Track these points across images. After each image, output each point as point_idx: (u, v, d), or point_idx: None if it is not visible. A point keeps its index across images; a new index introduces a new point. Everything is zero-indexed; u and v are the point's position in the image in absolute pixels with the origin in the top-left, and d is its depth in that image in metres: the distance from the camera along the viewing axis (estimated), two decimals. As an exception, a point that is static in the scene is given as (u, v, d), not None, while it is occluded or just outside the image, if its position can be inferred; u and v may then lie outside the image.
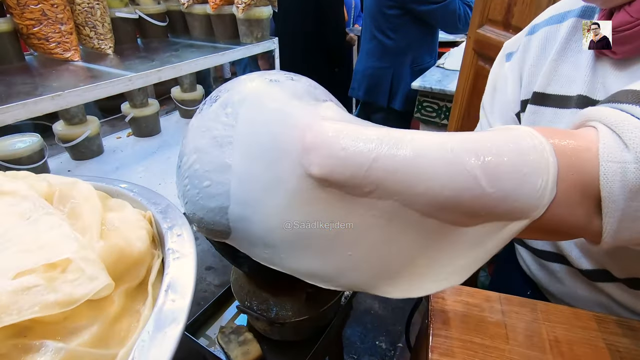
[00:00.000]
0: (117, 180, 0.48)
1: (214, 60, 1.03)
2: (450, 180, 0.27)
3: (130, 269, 0.34)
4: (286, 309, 0.77)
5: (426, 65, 1.59)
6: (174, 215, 0.41)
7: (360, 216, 0.30)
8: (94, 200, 0.40)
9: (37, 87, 0.75)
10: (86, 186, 0.43)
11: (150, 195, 0.45)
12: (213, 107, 0.59)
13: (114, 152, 1.21)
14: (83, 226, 0.35)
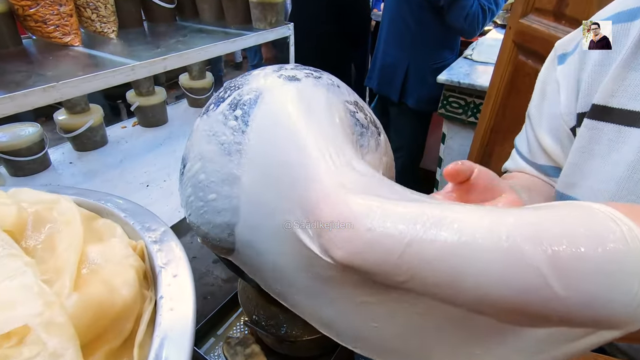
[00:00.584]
0: (110, 195, 0.41)
1: (224, 48, 0.95)
2: (506, 276, 0.20)
3: (112, 325, 0.27)
4: (298, 326, 0.71)
5: (446, 62, 1.48)
6: (171, 247, 0.34)
7: (391, 302, 0.24)
8: (76, 227, 0.33)
9: (30, 76, 0.68)
10: (69, 206, 0.36)
11: (144, 218, 0.38)
12: (220, 108, 0.51)
13: (118, 143, 1.15)
14: (56, 266, 0.29)
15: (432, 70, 1.46)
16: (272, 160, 0.33)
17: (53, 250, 0.31)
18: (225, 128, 0.50)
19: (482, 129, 0.96)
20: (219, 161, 0.49)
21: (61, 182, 0.95)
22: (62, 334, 0.23)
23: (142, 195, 0.91)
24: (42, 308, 0.23)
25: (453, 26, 1.29)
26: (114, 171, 1.00)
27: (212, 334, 0.84)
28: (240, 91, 0.51)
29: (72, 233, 0.32)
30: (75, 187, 0.43)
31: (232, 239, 0.50)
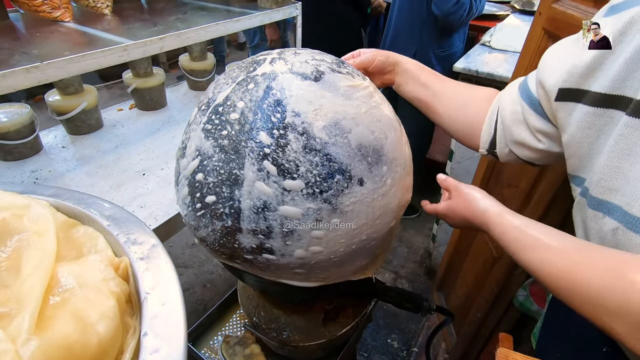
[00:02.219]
0: (93, 198, 0.36)
1: (227, 28, 0.88)
2: None
3: (84, 370, 0.23)
4: (300, 330, 0.67)
5: (454, 49, 1.40)
6: (160, 266, 0.29)
7: None
8: (47, 241, 0.28)
9: (13, 54, 0.62)
10: (42, 213, 0.31)
11: (130, 227, 0.33)
12: (220, 99, 0.46)
13: (114, 127, 1.09)
14: (19, 295, 0.24)
15: (440, 57, 1.39)
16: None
17: (18, 271, 0.26)
18: (225, 124, 0.44)
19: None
20: (219, 158, 0.44)
21: (53, 167, 0.90)
22: (14, 397, 0.18)
23: (138, 184, 0.86)
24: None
25: (438, 9, 1.21)
26: (109, 157, 0.95)
27: (210, 331, 0.81)
28: (243, 88, 0.45)
29: (43, 249, 0.27)
30: (55, 187, 0.37)
31: (237, 244, 0.45)
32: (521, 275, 0.86)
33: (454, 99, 0.58)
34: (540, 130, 0.46)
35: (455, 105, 0.58)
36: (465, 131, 0.57)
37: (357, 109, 0.44)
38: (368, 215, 0.45)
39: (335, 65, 0.47)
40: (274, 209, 0.41)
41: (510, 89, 0.52)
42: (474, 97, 0.57)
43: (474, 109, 0.56)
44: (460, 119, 0.58)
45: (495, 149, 0.53)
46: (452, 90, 0.59)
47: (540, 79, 0.43)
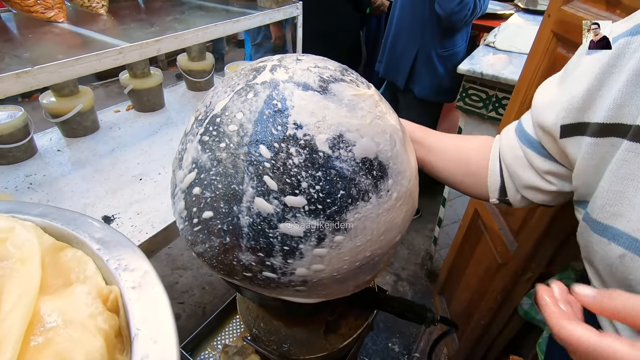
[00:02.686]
0: (83, 217, 0.34)
1: (225, 29, 0.85)
2: None
3: (68, 422, 0.21)
4: (301, 342, 0.66)
5: (457, 49, 1.38)
6: (153, 296, 0.27)
7: None
8: (32, 269, 0.26)
9: (3, 58, 0.60)
10: (26, 238, 0.29)
11: (121, 252, 0.31)
12: (219, 108, 0.43)
13: (111, 129, 1.06)
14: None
15: (442, 57, 1.36)
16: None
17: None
18: (223, 136, 0.42)
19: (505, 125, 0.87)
20: (216, 172, 0.42)
21: (48, 171, 0.88)
22: None
23: (135, 189, 0.84)
24: None
25: (442, 8, 1.18)
26: (105, 161, 0.93)
27: (208, 340, 0.79)
28: (240, 100, 0.42)
29: (26, 280, 0.25)
30: (44, 205, 0.35)
31: (236, 261, 0.44)
32: (527, 284, 0.84)
33: (450, 153, 0.56)
34: (548, 171, 0.44)
35: (453, 159, 0.56)
36: (469, 183, 0.55)
37: (362, 120, 0.42)
38: (373, 231, 0.43)
39: (339, 72, 0.45)
40: (275, 226, 0.39)
41: (506, 134, 0.50)
42: (470, 147, 0.55)
43: (474, 160, 0.54)
44: (462, 172, 0.55)
45: (507, 196, 0.50)
46: (446, 143, 0.57)
47: (538, 121, 0.42)
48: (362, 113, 0.42)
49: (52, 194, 0.81)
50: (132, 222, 0.75)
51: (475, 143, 0.56)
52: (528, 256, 0.80)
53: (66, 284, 0.29)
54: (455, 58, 1.36)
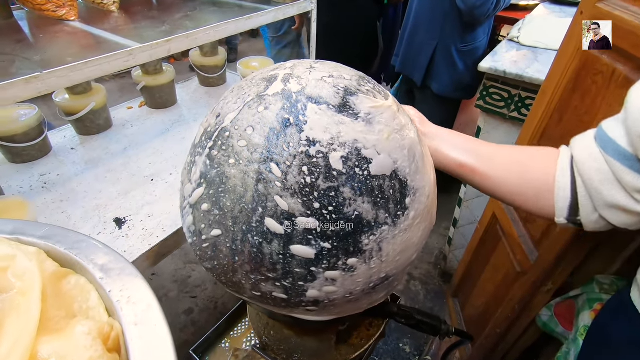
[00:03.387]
0: (88, 240, 0.33)
1: (238, 26, 0.83)
2: None
3: None
4: (311, 353, 0.64)
5: (477, 44, 1.31)
6: (156, 335, 0.26)
7: None
8: (31, 306, 0.25)
9: (14, 61, 0.59)
10: (27, 268, 0.28)
11: (125, 282, 0.29)
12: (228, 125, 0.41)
13: (124, 127, 1.06)
14: (-9, 385, 0.21)
15: (462, 52, 1.30)
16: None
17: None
18: (233, 151, 0.40)
19: (530, 130, 0.83)
20: (223, 190, 0.40)
21: (61, 171, 0.88)
22: None
23: (146, 190, 0.84)
24: None
25: (463, 2, 1.11)
26: (118, 160, 0.93)
27: (218, 344, 0.79)
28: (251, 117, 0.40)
29: (25, 318, 0.24)
30: (49, 225, 0.34)
31: (239, 280, 0.42)
32: (547, 295, 0.81)
33: (507, 161, 0.49)
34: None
35: (510, 168, 0.49)
36: (528, 197, 0.48)
37: (379, 135, 0.39)
38: (389, 253, 0.40)
39: (355, 82, 0.42)
40: (285, 248, 0.37)
41: (582, 143, 0.44)
42: (534, 157, 0.49)
43: (537, 171, 0.47)
44: (520, 184, 0.48)
45: (579, 216, 0.44)
46: (503, 152, 0.50)
47: (638, 130, 0.36)
48: (380, 127, 0.40)
49: (65, 194, 0.81)
50: (144, 225, 0.75)
51: (536, 153, 0.49)
52: (549, 267, 0.77)
53: (68, 315, 0.28)
54: (476, 53, 1.30)
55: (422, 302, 1.59)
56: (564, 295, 0.79)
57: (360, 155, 0.37)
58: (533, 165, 0.48)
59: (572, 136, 0.73)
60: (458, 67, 1.32)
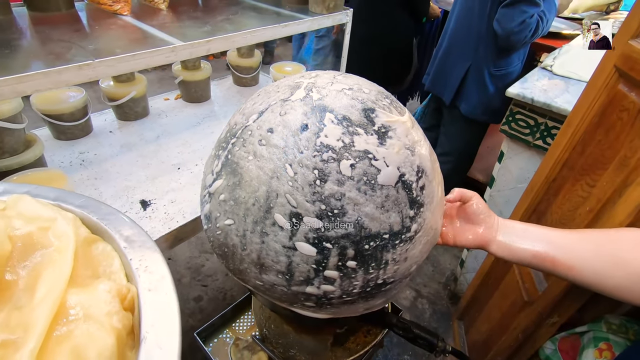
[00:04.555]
0: (117, 214, 0.37)
1: (274, 33, 0.87)
2: None
3: (74, 411, 0.23)
4: (307, 351, 0.67)
5: (511, 70, 1.30)
6: (165, 303, 0.29)
7: None
8: (65, 261, 0.29)
9: (70, 48, 0.66)
10: (65, 231, 0.32)
11: (145, 253, 0.33)
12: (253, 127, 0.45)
13: (159, 116, 1.13)
14: (27, 321, 0.25)
15: (494, 76, 1.30)
16: None
17: (33, 291, 0.27)
18: (254, 151, 0.43)
19: (552, 160, 0.82)
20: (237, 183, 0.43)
21: (99, 151, 0.95)
22: None
23: (172, 177, 0.89)
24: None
25: (501, 27, 1.12)
26: (150, 147, 0.99)
27: (221, 331, 0.82)
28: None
29: (59, 272, 0.28)
30: (85, 197, 0.39)
31: (245, 269, 0.45)
32: (552, 328, 0.79)
33: (591, 248, 0.46)
34: None
35: (599, 257, 0.45)
36: (630, 288, 0.44)
37: (390, 149, 0.41)
38: (387, 261, 0.42)
39: (373, 96, 0.45)
40: (291, 245, 0.40)
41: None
42: (622, 239, 0.45)
43: (630, 254, 0.43)
44: (615, 274, 0.44)
45: None
46: (584, 237, 0.47)
47: None
48: (391, 141, 0.42)
49: (99, 172, 0.88)
50: (166, 210, 0.80)
51: (627, 235, 0.46)
52: (557, 299, 0.76)
53: (94, 275, 0.32)
54: (509, 78, 1.29)
55: (427, 321, 1.57)
56: (569, 330, 0.77)
57: (370, 165, 0.40)
58: (624, 250, 0.44)
59: (593, 170, 0.72)
60: (489, 90, 1.31)
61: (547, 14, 1.11)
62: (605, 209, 0.66)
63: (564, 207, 0.79)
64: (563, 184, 0.80)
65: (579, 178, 0.75)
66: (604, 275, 0.45)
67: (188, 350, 1.36)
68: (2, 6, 0.77)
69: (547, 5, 1.13)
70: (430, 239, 0.48)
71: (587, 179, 0.73)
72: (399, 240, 0.42)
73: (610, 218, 0.64)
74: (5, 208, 0.33)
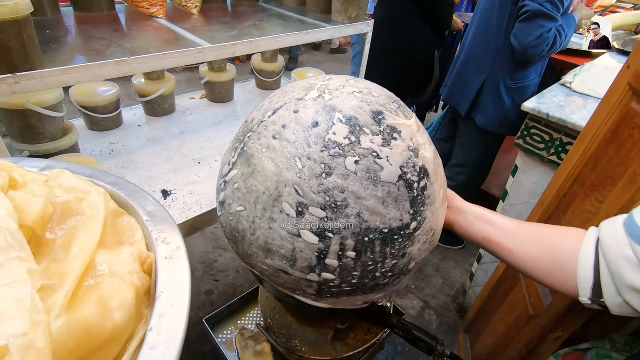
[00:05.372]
0: (142, 192, 0.41)
1: (296, 39, 0.92)
2: None
3: (98, 349, 0.27)
4: (308, 342, 0.69)
5: (528, 83, 1.30)
6: (178, 269, 0.33)
7: None
8: (96, 227, 0.33)
9: (110, 46, 0.72)
10: (97, 202, 0.36)
11: (164, 227, 0.37)
12: (267, 124, 0.49)
13: (184, 114, 1.19)
14: (64, 272, 0.29)
15: (510, 89, 1.30)
16: None
17: (68, 249, 0.31)
18: (267, 144, 0.47)
19: (563, 175, 0.83)
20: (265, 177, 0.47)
21: (127, 143, 1.02)
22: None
23: (193, 171, 0.94)
24: (27, 328, 0.23)
25: (518, 41, 1.13)
26: (174, 142, 1.05)
27: (228, 320, 0.86)
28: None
29: (91, 235, 0.32)
30: (115, 176, 0.43)
31: (253, 253, 0.49)
32: (555, 343, 0.79)
33: (532, 237, 0.51)
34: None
35: (536, 244, 0.51)
36: (552, 273, 0.49)
37: (394, 150, 0.44)
38: (386, 254, 0.45)
39: (382, 100, 0.48)
40: (296, 233, 0.43)
41: (610, 227, 0.45)
42: (560, 234, 0.50)
43: (563, 249, 0.48)
44: (546, 260, 0.49)
45: (602, 298, 0.44)
46: (529, 228, 0.52)
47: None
48: (396, 142, 0.45)
49: (126, 162, 0.94)
50: (185, 200, 0.85)
51: (563, 231, 0.51)
52: (561, 314, 0.76)
53: (119, 242, 0.36)
54: (525, 92, 1.30)
55: (433, 333, 1.56)
56: (572, 347, 0.77)
57: (374, 162, 0.43)
58: (559, 243, 0.49)
59: (603, 186, 0.72)
60: (505, 103, 1.32)
61: (565, 29, 1.12)
62: (612, 225, 0.66)
63: (573, 223, 0.79)
64: (573, 200, 0.80)
65: (589, 194, 0.75)
66: (536, 259, 0.50)
67: (197, 341, 1.40)
68: (52, 6, 0.85)
69: (565, 21, 1.13)
70: (430, 239, 0.50)
71: (597, 195, 0.73)
72: (397, 235, 0.45)
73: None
74: (48, 180, 0.37)
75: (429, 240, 0.50)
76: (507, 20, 1.20)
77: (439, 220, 0.51)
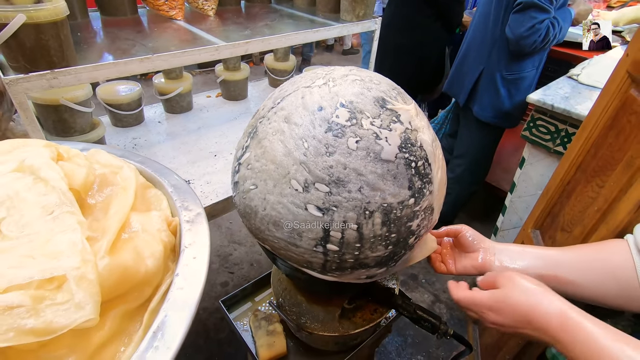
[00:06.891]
0: (167, 169, 0.47)
1: (306, 37, 0.96)
2: None
3: (133, 289, 0.32)
4: (317, 319, 0.73)
5: (524, 75, 1.30)
6: (199, 230, 0.38)
7: None
8: (128, 195, 0.39)
9: (134, 45, 0.78)
10: (129, 175, 0.42)
11: (186, 196, 0.42)
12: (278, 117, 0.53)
13: (201, 111, 1.26)
14: (104, 227, 0.34)
15: (506, 80, 1.32)
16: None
17: (106, 211, 0.36)
18: (277, 127, 0.52)
19: (566, 163, 0.85)
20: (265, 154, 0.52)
21: (148, 138, 1.08)
22: (89, 290, 0.27)
23: (209, 163, 1.00)
24: (79, 263, 0.28)
25: (511, 31, 1.15)
26: (192, 136, 1.11)
27: (244, 302, 0.91)
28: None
29: (124, 200, 0.37)
30: (143, 156, 0.49)
31: (264, 228, 0.54)
32: (558, 326, 0.81)
33: (584, 261, 0.49)
34: None
35: (593, 270, 0.48)
36: (620, 294, 0.47)
37: (393, 131, 0.48)
38: (390, 227, 0.49)
39: (383, 87, 0.52)
40: (303, 207, 0.48)
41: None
42: (605, 250, 0.49)
43: (617, 264, 0.47)
44: (608, 282, 0.47)
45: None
46: (575, 253, 0.50)
47: None
48: (395, 125, 0.49)
49: (148, 155, 1.00)
50: (202, 189, 0.90)
51: (609, 247, 0.49)
52: (563, 297, 0.77)
53: (147, 209, 0.41)
54: (522, 83, 1.30)
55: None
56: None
57: (374, 142, 0.47)
58: (611, 260, 0.47)
59: (604, 172, 0.74)
60: (500, 93, 1.33)
61: (560, 21, 1.12)
62: (610, 208, 0.68)
63: (575, 209, 0.81)
64: (576, 186, 0.82)
65: (590, 180, 0.77)
66: (601, 286, 0.47)
67: (213, 330, 1.46)
68: (82, 11, 0.92)
69: (561, 14, 1.14)
70: (428, 217, 0.54)
71: (597, 180, 0.75)
72: (396, 210, 0.49)
73: (613, 217, 0.66)
74: (87, 157, 0.43)
75: (427, 217, 0.54)
76: (504, 12, 1.22)
77: (436, 199, 0.55)
